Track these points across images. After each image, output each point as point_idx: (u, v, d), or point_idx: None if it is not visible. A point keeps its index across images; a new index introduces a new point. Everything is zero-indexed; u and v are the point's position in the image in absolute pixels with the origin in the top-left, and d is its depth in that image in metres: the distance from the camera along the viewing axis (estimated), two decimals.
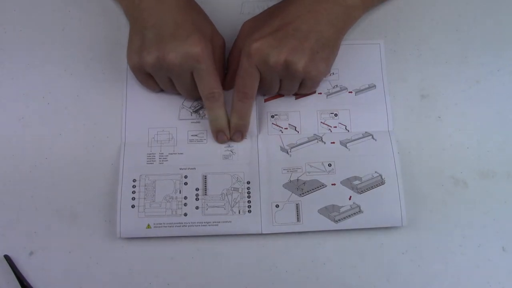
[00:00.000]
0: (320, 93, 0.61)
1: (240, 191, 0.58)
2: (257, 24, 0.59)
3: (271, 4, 0.61)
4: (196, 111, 0.61)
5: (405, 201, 0.57)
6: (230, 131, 0.59)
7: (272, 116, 0.61)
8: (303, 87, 0.58)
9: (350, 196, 0.58)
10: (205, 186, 0.58)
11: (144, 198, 0.57)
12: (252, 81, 0.56)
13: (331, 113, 0.61)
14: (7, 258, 0.57)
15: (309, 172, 0.59)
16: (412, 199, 0.58)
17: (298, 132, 0.60)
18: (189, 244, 0.57)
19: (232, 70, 0.60)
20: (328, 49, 0.56)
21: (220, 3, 0.64)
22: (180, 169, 0.59)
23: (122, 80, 0.62)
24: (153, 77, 0.58)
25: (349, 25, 0.59)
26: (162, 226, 0.57)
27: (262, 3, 0.64)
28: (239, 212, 0.57)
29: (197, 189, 0.58)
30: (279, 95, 0.61)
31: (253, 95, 0.57)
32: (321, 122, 0.61)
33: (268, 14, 0.59)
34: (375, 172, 0.58)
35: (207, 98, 0.57)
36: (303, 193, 0.58)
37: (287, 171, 0.59)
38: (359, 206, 0.57)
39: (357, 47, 0.63)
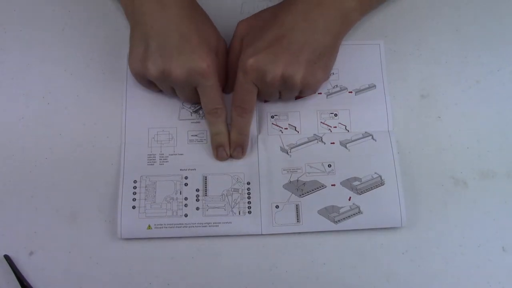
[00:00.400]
0: (320, 93, 0.61)
1: (240, 192, 0.58)
2: (252, 26, 0.58)
3: (271, 4, 0.61)
4: (196, 111, 0.61)
5: (405, 201, 0.57)
6: (230, 147, 0.58)
7: (272, 117, 0.61)
8: (302, 93, 0.58)
9: (350, 197, 0.58)
10: (206, 187, 0.58)
11: (145, 199, 0.57)
12: (249, 97, 0.56)
13: (331, 113, 0.61)
14: (7, 258, 0.57)
15: (309, 173, 0.59)
16: (412, 199, 0.58)
17: (298, 132, 0.60)
18: (189, 244, 0.57)
19: (231, 74, 0.59)
20: (325, 57, 0.55)
21: (220, 3, 0.64)
22: (180, 170, 0.59)
23: (122, 80, 0.62)
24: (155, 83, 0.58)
25: (346, 29, 0.58)
26: (162, 227, 0.57)
27: (262, 3, 0.64)
28: (239, 213, 0.57)
29: (197, 190, 0.58)
30: None
31: (252, 109, 0.57)
32: (321, 122, 0.61)
33: (264, 21, 0.57)
34: (375, 173, 0.58)
35: (210, 113, 0.57)
36: (303, 194, 0.58)
37: (287, 172, 0.59)
38: (358, 207, 0.57)
39: (357, 47, 0.63)
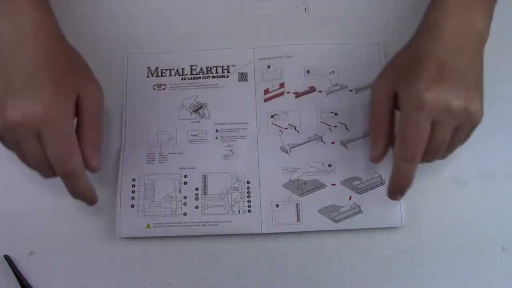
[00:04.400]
0: (320, 91, 0.61)
1: (240, 190, 0.58)
2: (390, 73, 0.53)
3: (271, 4, 0.61)
4: (196, 111, 0.61)
5: (405, 201, 0.57)
6: (390, 189, 0.52)
7: (272, 116, 0.61)
8: (461, 136, 0.52)
9: (350, 196, 0.58)
10: (205, 186, 0.58)
11: (144, 198, 0.57)
12: (423, 138, 0.49)
13: (331, 112, 0.61)
14: (7, 258, 0.57)
15: (309, 172, 0.58)
16: (412, 199, 0.58)
17: (298, 132, 0.60)
18: (189, 244, 0.57)
19: (377, 132, 0.54)
20: (482, 83, 0.51)
21: (220, 4, 0.64)
22: (179, 168, 0.59)
23: (122, 80, 0.62)
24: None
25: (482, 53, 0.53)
26: (161, 226, 0.57)
27: (262, 3, 0.64)
28: (239, 212, 0.57)
29: (196, 189, 0.58)
30: (279, 94, 0.61)
31: (421, 154, 0.50)
32: (321, 121, 0.61)
33: (403, 61, 0.53)
34: (375, 172, 0.58)
35: (61, 176, 0.47)
36: (303, 193, 0.58)
37: (287, 171, 0.59)
38: (359, 206, 0.57)
39: (357, 47, 0.63)
